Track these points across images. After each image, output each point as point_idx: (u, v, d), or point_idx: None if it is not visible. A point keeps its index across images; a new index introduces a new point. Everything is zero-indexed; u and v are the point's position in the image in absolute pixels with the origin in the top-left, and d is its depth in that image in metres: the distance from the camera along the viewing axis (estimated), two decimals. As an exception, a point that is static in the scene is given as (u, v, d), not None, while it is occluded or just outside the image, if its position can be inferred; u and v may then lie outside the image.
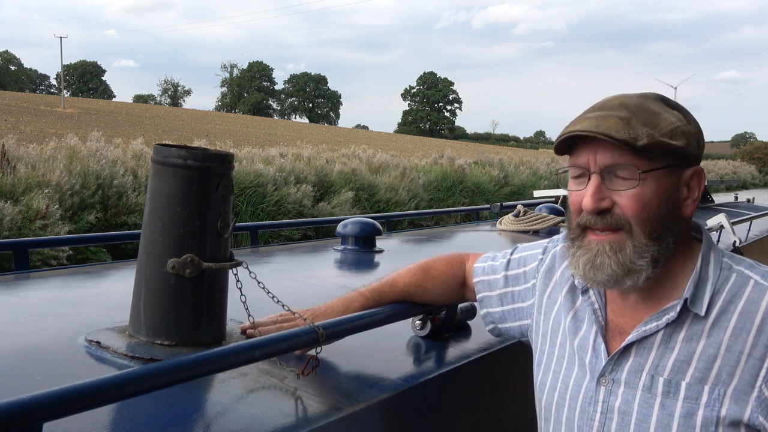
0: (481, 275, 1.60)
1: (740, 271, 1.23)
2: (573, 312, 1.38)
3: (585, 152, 1.23)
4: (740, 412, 1.14)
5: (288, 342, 1.29)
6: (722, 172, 51.21)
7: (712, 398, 1.15)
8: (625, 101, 1.24)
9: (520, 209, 3.90)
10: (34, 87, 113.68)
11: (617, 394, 1.24)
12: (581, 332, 1.34)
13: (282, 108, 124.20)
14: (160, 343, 1.38)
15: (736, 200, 8.03)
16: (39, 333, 1.58)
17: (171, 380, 1.08)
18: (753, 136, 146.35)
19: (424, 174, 20.44)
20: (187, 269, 1.36)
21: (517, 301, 1.53)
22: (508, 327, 1.55)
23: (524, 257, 1.56)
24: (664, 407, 1.19)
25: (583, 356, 1.32)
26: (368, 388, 1.42)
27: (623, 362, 1.25)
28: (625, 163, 1.19)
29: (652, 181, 1.20)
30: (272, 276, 1.73)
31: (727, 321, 1.18)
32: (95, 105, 61.25)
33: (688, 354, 1.19)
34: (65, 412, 0.93)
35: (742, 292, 1.20)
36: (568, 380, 1.33)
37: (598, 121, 1.20)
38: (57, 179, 10.86)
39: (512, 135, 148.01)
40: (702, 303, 1.20)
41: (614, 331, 1.30)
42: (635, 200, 1.19)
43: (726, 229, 3.56)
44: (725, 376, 1.15)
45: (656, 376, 1.21)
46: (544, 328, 1.44)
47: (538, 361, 1.44)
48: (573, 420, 1.30)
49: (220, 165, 1.39)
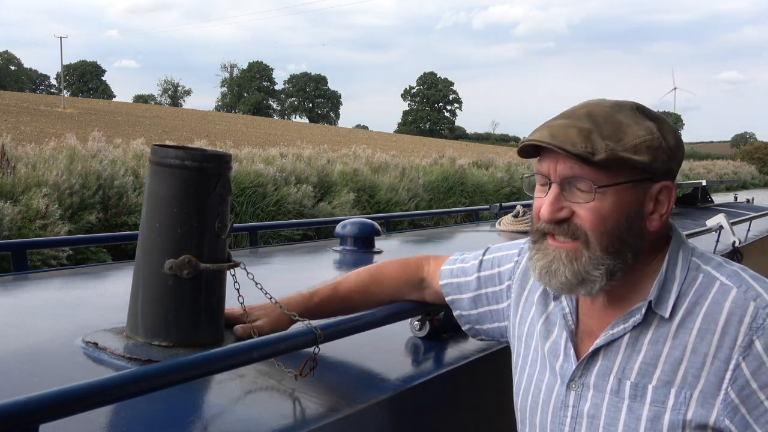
0: (449, 277, 1.58)
1: (707, 271, 1.20)
2: (545, 316, 1.37)
3: (547, 160, 1.22)
4: (706, 415, 1.12)
5: (286, 343, 1.29)
6: (722, 172, 51.21)
7: (679, 401, 1.14)
8: (592, 111, 1.20)
9: (519, 210, 3.90)
10: (34, 87, 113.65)
11: (587, 398, 1.24)
12: (552, 336, 1.34)
13: (282, 108, 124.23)
14: (157, 344, 1.38)
15: (735, 200, 8.02)
16: (36, 334, 1.58)
17: (168, 381, 1.07)
18: (753, 136, 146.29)
19: (425, 174, 20.44)
20: (184, 270, 1.36)
21: (491, 302, 1.52)
22: (487, 329, 1.55)
23: (498, 258, 1.54)
24: (632, 411, 1.18)
25: (554, 361, 1.31)
26: (367, 388, 1.42)
27: (591, 366, 1.24)
28: (581, 176, 1.17)
29: (611, 195, 1.17)
30: (271, 277, 1.73)
31: (692, 322, 1.16)
32: (95, 105, 61.24)
33: (654, 357, 1.18)
34: (62, 413, 0.93)
35: (708, 293, 1.17)
36: (540, 384, 1.33)
37: (558, 131, 1.18)
38: (55, 179, 10.86)
39: (512, 135, 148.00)
40: (667, 305, 1.18)
41: (584, 333, 1.29)
42: (593, 213, 1.17)
43: (725, 230, 3.56)
44: (691, 379, 1.14)
45: (623, 379, 1.20)
46: (520, 331, 1.43)
47: (514, 364, 1.44)
48: (546, 424, 1.30)
49: (218, 165, 1.39)
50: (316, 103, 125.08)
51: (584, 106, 1.23)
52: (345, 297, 1.59)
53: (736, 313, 1.13)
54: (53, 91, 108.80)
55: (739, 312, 1.13)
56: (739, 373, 1.11)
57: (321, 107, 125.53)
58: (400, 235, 4.13)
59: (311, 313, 1.50)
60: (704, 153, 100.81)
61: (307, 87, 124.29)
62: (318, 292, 1.58)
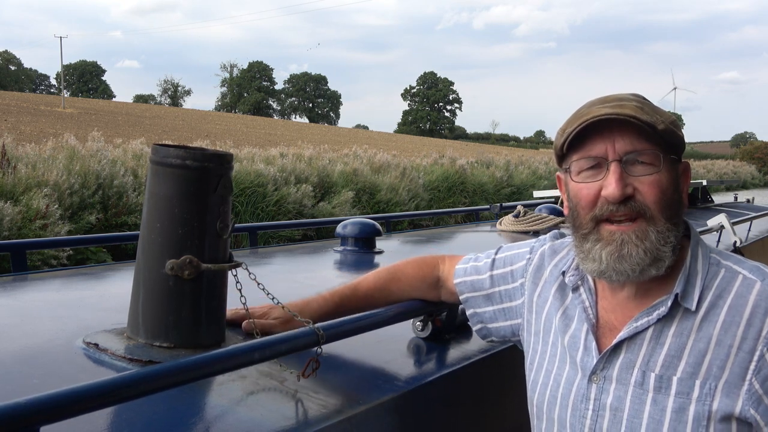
0: (462, 276, 1.59)
1: (728, 266, 1.25)
2: (563, 310, 1.38)
3: (600, 142, 1.23)
4: (731, 405, 1.14)
5: (288, 344, 1.28)
6: (722, 172, 51.19)
7: (704, 392, 1.16)
8: (626, 96, 1.26)
9: (520, 210, 3.90)
10: (34, 87, 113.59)
11: (609, 391, 1.24)
12: (571, 330, 1.34)
13: (282, 108, 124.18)
14: (158, 345, 1.37)
15: (735, 200, 8.02)
16: (36, 335, 1.57)
17: (171, 383, 1.07)
18: (753, 136, 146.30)
19: (426, 174, 20.43)
20: (185, 271, 1.35)
21: (505, 300, 1.52)
22: (499, 327, 1.54)
23: (510, 256, 1.55)
24: (656, 403, 1.19)
25: (574, 354, 1.32)
26: (370, 389, 1.41)
27: (614, 359, 1.25)
28: (646, 149, 1.20)
29: (666, 167, 1.22)
30: (271, 277, 1.72)
31: (716, 315, 1.19)
32: (95, 105, 61.22)
33: (678, 349, 1.20)
34: (63, 415, 0.92)
35: (730, 287, 1.21)
36: (560, 378, 1.33)
37: (615, 109, 1.21)
38: (55, 179, 10.85)
39: (512, 135, 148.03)
40: (692, 298, 1.21)
41: (605, 328, 1.30)
42: (655, 186, 1.21)
43: (726, 230, 3.55)
44: (716, 370, 1.16)
45: (647, 371, 1.21)
46: (536, 327, 1.43)
47: (530, 360, 1.44)
48: (565, 418, 1.30)
49: (219, 165, 1.38)
50: (316, 103, 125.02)
51: (615, 94, 1.28)
52: (365, 296, 1.59)
53: (761, 305, 1.17)
54: (53, 91, 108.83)
55: (764, 304, 1.17)
56: (764, 364, 1.14)
57: (321, 107, 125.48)
58: (401, 235, 4.13)
59: (332, 313, 1.52)
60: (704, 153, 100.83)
61: (307, 87, 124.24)
62: (338, 291, 1.59)
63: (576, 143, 1.26)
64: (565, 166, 1.30)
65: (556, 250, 1.48)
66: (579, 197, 1.26)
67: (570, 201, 1.30)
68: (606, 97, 1.28)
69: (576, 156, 1.26)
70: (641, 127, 1.19)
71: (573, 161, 1.27)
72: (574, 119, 1.25)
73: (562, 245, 1.49)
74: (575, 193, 1.27)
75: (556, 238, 1.53)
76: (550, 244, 1.51)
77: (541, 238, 1.56)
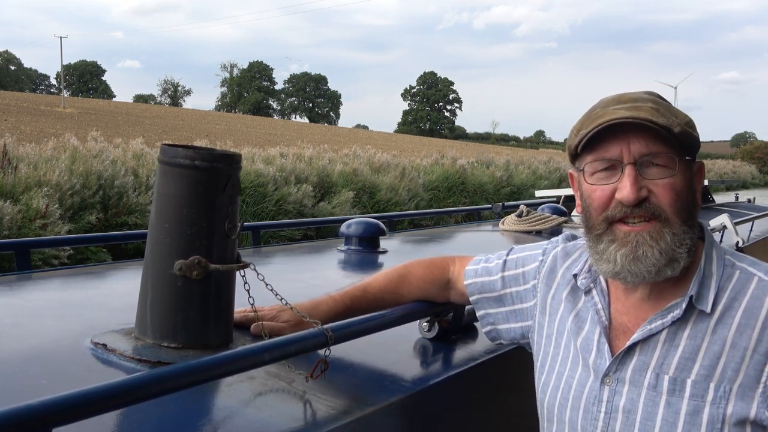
0: (473, 277, 1.58)
1: (743, 268, 1.24)
2: (575, 312, 1.37)
3: (615, 144, 1.22)
4: (746, 408, 1.13)
5: (296, 345, 1.27)
6: (722, 172, 51.21)
7: (718, 395, 1.15)
8: (640, 96, 1.25)
9: (523, 209, 3.88)
10: (34, 87, 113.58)
11: (621, 393, 1.23)
12: (584, 332, 1.33)
13: (282, 108, 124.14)
14: (166, 346, 1.36)
15: (736, 200, 8.01)
16: (43, 335, 1.56)
17: (183, 384, 1.06)
18: (753, 135, 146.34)
19: (425, 174, 20.43)
20: (194, 271, 1.34)
21: (516, 302, 1.52)
22: (509, 328, 1.54)
23: (521, 258, 1.54)
24: (670, 405, 1.18)
25: (586, 356, 1.31)
26: (378, 391, 1.41)
27: (628, 361, 1.24)
28: (661, 152, 1.20)
29: (681, 169, 1.21)
30: (276, 277, 1.71)
31: (731, 318, 1.18)
32: (95, 105, 61.20)
33: (693, 351, 1.19)
34: (76, 417, 0.92)
35: (746, 289, 1.20)
36: (571, 380, 1.32)
37: (632, 112, 1.20)
38: (56, 179, 10.84)
39: (512, 135, 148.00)
40: (707, 300, 1.20)
41: (618, 330, 1.29)
42: (671, 188, 1.20)
43: (729, 230, 3.55)
44: (730, 373, 1.15)
45: (661, 374, 1.20)
46: (549, 330, 1.43)
47: (541, 362, 1.43)
48: (577, 420, 1.29)
49: (228, 165, 1.38)
50: (316, 103, 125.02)
51: (630, 93, 1.27)
52: (375, 297, 1.59)
53: None
54: (53, 91, 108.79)
55: None
56: None
57: (321, 107, 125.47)
58: (404, 234, 4.12)
59: (342, 315, 1.51)
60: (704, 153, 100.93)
61: (307, 87, 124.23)
62: (348, 293, 1.58)
63: (590, 144, 1.25)
64: (579, 166, 1.29)
65: (569, 252, 1.48)
66: (592, 199, 1.26)
67: (583, 201, 1.30)
68: (621, 96, 1.27)
69: (590, 157, 1.25)
70: (657, 130, 1.18)
71: (587, 162, 1.26)
72: (589, 120, 1.24)
73: (575, 247, 1.48)
74: (588, 195, 1.27)
75: (568, 240, 1.52)
76: (562, 246, 1.50)
77: (554, 240, 1.54)
